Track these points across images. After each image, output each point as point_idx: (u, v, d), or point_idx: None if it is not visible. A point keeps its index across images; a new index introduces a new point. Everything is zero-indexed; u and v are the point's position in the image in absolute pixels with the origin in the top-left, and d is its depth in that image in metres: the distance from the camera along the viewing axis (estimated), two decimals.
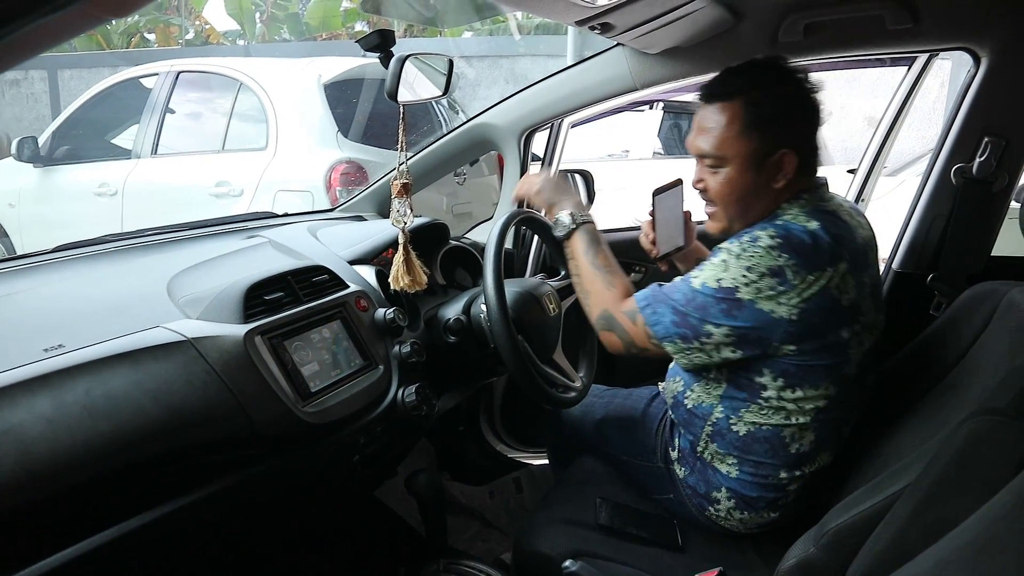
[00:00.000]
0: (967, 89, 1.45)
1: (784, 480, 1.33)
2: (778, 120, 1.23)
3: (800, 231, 1.20)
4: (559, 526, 1.38)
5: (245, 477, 1.02)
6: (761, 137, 1.23)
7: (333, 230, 1.70)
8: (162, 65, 4.32)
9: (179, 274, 1.28)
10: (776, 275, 1.16)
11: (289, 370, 1.10)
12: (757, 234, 1.20)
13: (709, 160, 1.28)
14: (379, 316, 1.32)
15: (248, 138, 3.91)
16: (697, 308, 1.21)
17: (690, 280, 1.24)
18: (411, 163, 1.96)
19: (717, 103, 1.26)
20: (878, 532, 0.95)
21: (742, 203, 1.28)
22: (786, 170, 1.25)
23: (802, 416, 1.27)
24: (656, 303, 1.26)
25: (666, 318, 1.24)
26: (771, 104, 1.23)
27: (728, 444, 1.34)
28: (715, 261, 1.22)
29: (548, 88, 1.74)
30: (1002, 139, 1.42)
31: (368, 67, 4.07)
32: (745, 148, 1.24)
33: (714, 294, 1.20)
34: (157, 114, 4.14)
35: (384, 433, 1.23)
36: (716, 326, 1.20)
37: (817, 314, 1.18)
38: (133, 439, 0.90)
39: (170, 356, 0.99)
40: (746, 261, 1.17)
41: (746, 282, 1.17)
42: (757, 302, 1.17)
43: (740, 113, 1.23)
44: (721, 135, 1.25)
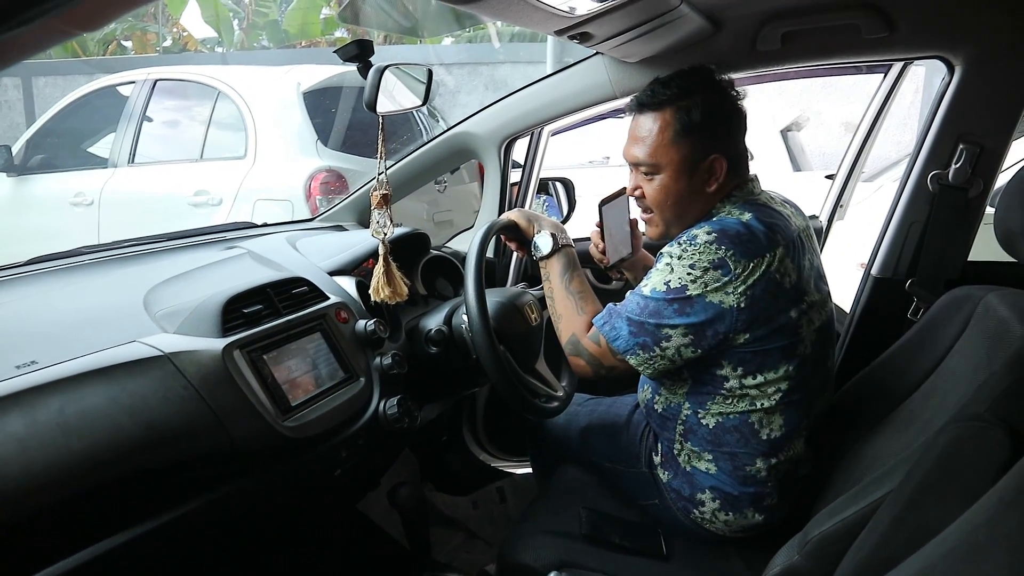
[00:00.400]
0: (942, 97, 1.46)
1: (762, 471, 1.34)
2: (707, 127, 1.28)
3: (734, 223, 1.26)
4: (543, 537, 1.37)
5: (225, 494, 1.00)
6: (692, 144, 1.28)
7: (313, 240, 1.69)
8: (139, 73, 4.28)
9: (156, 287, 1.26)
10: (719, 267, 1.21)
11: (269, 384, 1.09)
12: (694, 233, 1.25)
13: (644, 168, 1.33)
14: (360, 328, 1.30)
15: (227, 147, 3.88)
16: (651, 314, 1.25)
17: (640, 290, 1.28)
18: (391, 172, 1.96)
19: (648, 112, 1.31)
20: (861, 539, 0.95)
21: (677, 207, 1.33)
22: (717, 174, 1.30)
23: (766, 400, 1.30)
24: (612, 319, 1.30)
25: (623, 330, 1.28)
26: (700, 112, 1.27)
27: (700, 440, 1.36)
28: (660, 267, 1.26)
29: (528, 97, 1.75)
30: (977, 146, 1.44)
31: (347, 75, 4.06)
32: (677, 155, 1.29)
33: (664, 296, 1.24)
34: (134, 122, 4.10)
35: (366, 446, 1.22)
36: (672, 327, 1.24)
37: (763, 298, 1.22)
38: (108, 457, 0.88)
39: (147, 372, 0.97)
40: (688, 259, 1.22)
41: (692, 279, 1.22)
42: (706, 295, 1.22)
43: (671, 122, 1.28)
44: (654, 143, 1.29)
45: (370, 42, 1.09)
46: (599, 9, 1.14)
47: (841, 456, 1.35)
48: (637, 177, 1.36)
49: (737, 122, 1.33)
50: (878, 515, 0.94)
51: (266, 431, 1.04)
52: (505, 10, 1.07)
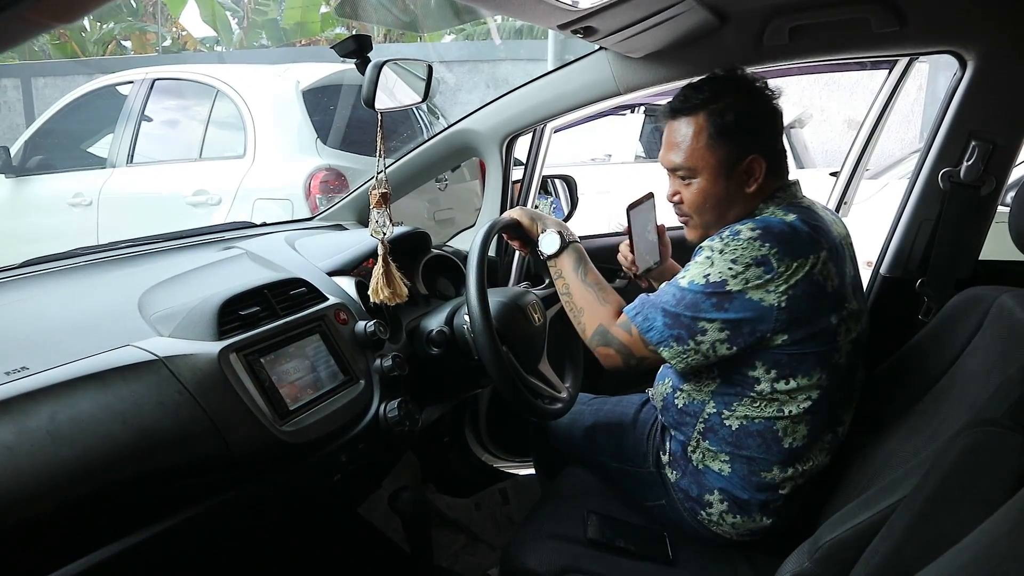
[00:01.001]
0: (953, 92, 1.44)
1: (777, 479, 1.32)
2: (742, 128, 1.27)
3: (778, 222, 1.24)
4: (547, 541, 1.35)
5: (221, 501, 0.98)
6: (728, 146, 1.27)
7: (312, 240, 1.66)
8: (137, 73, 4.25)
9: (151, 289, 1.24)
10: (761, 264, 1.18)
11: (266, 388, 1.06)
12: (737, 228, 1.23)
13: (681, 172, 1.32)
14: (359, 329, 1.28)
15: (226, 146, 3.85)
16: (688, 306, 1.22)
17: (677, 281, 1.25)
18: (391, 170, 1.93)
19: (682, 117, 1.30)
20: (874, 546, 0.93)
21: (716, 210, 1.32)
22: (756, 174, 1.29)
23: (795, 407, 1.27)
24: (646, 309, 1.27)
25: (658, 322, 1.25)
26: (734, 114, 1.26)
27: (720, 440, 1.34)
28: (699, 260, 1.24)
29: (530, 93, 1.72)
30: (989, 143, 1.41)
31: (347, 73, 4.03)
32: (714, 158, 1.28)
33: (703, 289, 1.21)
34: (132, 122, 4.07)
35: (366, 450, 1.19)
36: (709, 321, 1.21)
37: (804, 300, 1.20)
38: (101, 465, 0.86)
39: (140, 376, 0.95)
40: (730, 254, 1.20)
41: (733, 274, 1.19)
42: (746, 292, 1.19)
43: (705, 125, 1.27)
44: (689, 148, 1.29)
45: (368, 37, 1.06)
46: (603, 2, 1.12)
47: (851, 459, 1.32)
48: (675, 182, 1.35)
49: (772, 121, 1.31)
50: (891, 522, 0.92)
51: (264, 436, 1.02)
52: (507, 4, 1.05)
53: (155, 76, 4.13)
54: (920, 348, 1.36)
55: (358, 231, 1.90)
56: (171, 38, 12.80)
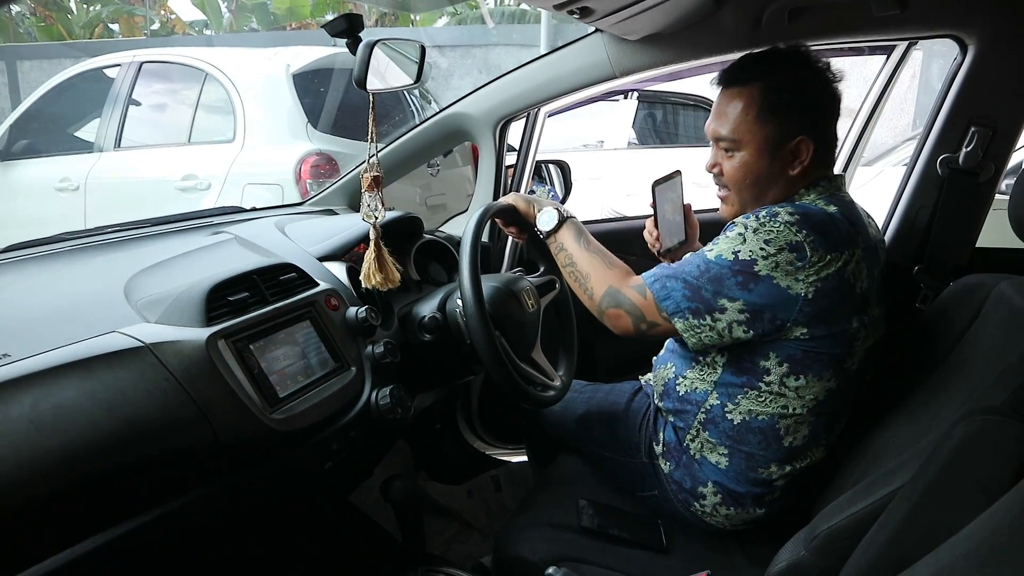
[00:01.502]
0: (953, 78, 1.42)
1: (773, 475, 1.31)
2: (796, 107, 1.22)
3: (818, 211, 1.20)
4: (541, 530, 1.34)
5: (210, 490, 0.96)
6: (778, 123, 1.22)
7: (302, 225, 1.64)
8: (124, 55, 4.18)
9: (138, 274, 1.21)
10: (795, 250, 1.14)
11: (255, 375, 1.04)
12: (775, 210, 1.18)
13: (725, 143, 1.27)
14: (350, 315, 1.26)
15: (215, 130, 3.80)
16: (711, 280, 1.18)
17: (704, 253, 1.21)
18: (382, 155, 1.90)
19: (735, 88, 1.25)
20: (871, 535, 0.92)
21: (756, 188, 1.27)
22: (802, 157, 1.24)
23: (800, 406, 1.25)
24: (666, 278, 1.23)
25: (677, 292, 1.21)
26: (789, 91, 1.21)
27: (721, 433, 1.32)
28: (731, 235, 1.19)
29: (524, 76, 1.69)
30: (989, 128, 1.40)
31: (338, 56, 3.98)
32: (761, 133, 1.23)
33: (730, 266, 1.17)
34: (120, 106, 4.01)
35: (358, 438, 1.17)
36: (730, 299, 1.17)
37: (831, 296, 1.16)
38: (85, 454, 0.83)
39: (126, 364, 0.92)
40: (764, 235, 1.15)
41: (764, 255, 1.14)
42: (774, 276, 1.15)
43: (758, 98, 1.22)
44: (738, 119, 1.24)
45: (359, 16, 1.03)
46: None
47: (847, 447, 1.32)
48: (717, 153, 1.30)
49: (829, 106, 1.26)
50: (889, 511, 0.91)
51: (253, 424, 1.00)
52: None
53: (143, 59, 4.07)
54: (918, 336, 1.35)
55: (349, 216, 1.88)
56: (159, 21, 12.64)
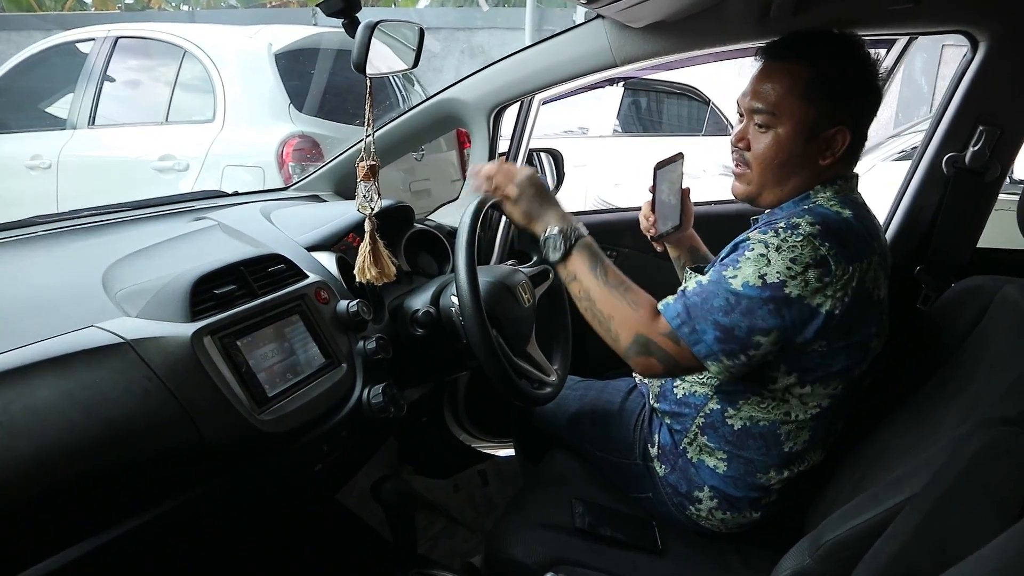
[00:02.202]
0: (962, 75, 1.39)
1: (772, 480, 1.28)
2: (844, 95, 1.16)
3: (834, 217, 1.14)
4: (535, 531, 1.30)
5: (195, 495, 0.91)
6: (822, 106, 1.16)
7: (289, 212, 1.57)
8: (99, 30, 4.04)
9: (117, 263, 1.15)
10: (820, 265, 1.08)
11: (243, 373, 0.98)
12: (795, 221, 1.12)
13: (761, 117, 1.19)
14: (341, 309, 1.21)
15: (194, 109, 3.69)
16: (743, 314, 1.10)
17: (727, 283, 1.12)
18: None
19: (783, 62, 1.18)
20: (879, 546, 0.89)
21: (782, 170, 1.20)
22: (836, 148, 1.18)
23: (803, 413, 1.22)
24: (694, 319, 1.12)
25: (708, 335, 1.11)
26: (841, 77, 1.16)
27: (720, 438, 1.29)
28: (751, 256, 1.11)
29: (521, 62, 1.63)
30: (997, 128, 1.37)
31: (324, 36, 3.89)
32: (803, 112, 1.16)
33: (759, 294, 1.09)
34: (94, 82, 3.88)
35: (349, 438, 1.13)
36: (765, 334, 1.10)
37: (855, 308, 1.11)
38: (62, 458, 0.78)
39: (105, 361, 0.87)
40: (789, 252, 1.09)
41: (792, 275, 1.08)
42: (805, 296, 1.09)
43: (806, 77, 1.16)
44: (781, 92, 1.17)
45: None
46: None
47: (844, 450, 1.30)
48: (747, 127, 1.22)
49: (873, 103, 1.20)
50: (898, 522, 0.89)
51: (240, 425, 0.94)
52: None
53: (119, 34, 3.94)
54: (918, 338, 1.33)
55: (337, 203, 1.82)
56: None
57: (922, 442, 1.12)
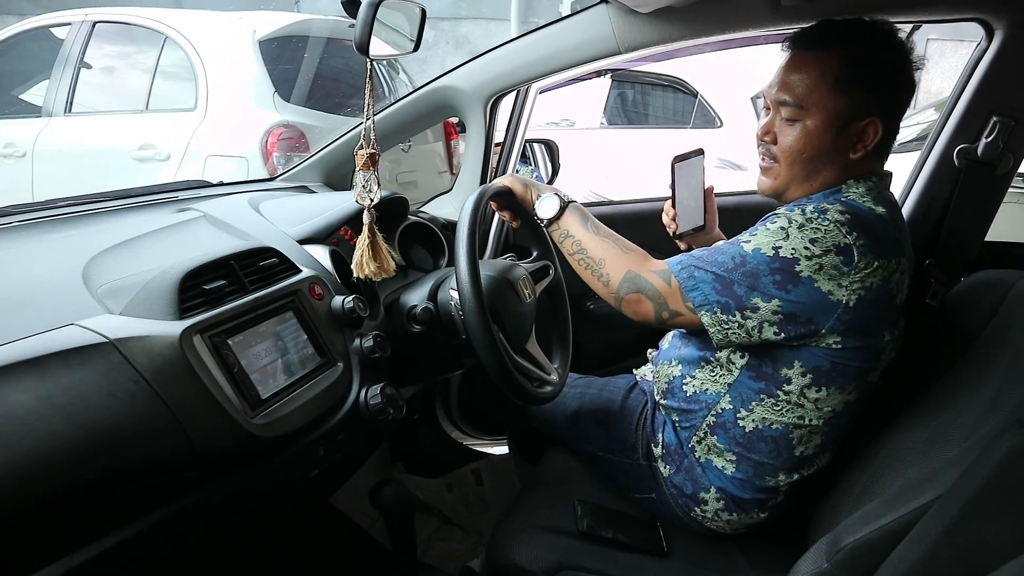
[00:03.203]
0: (976, 64, 1.36)
1: (780, 482, 1.26)
2: (877, 85, 1.12)
3: (868, 211, 1.11)
4: (537, 534, 1.26)
5: (185, 506, 0.85)
6: (854, 97, 1.11)
7: (278, 203, 1.51)
8: (76, 13, 3.91)
9: (97, 256, 1.08)
10: (842, 253, 1.05)
11: (235, 374, 0.92)
12: (824, 206, 1.09)
13: (788, 110, 1.15)
14: (336, 305, 1.15)
15: (175, 97, 3.58)
16: (746, 275, 1.09)
17: (739, 244, 1.11)
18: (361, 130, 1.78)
19: (812, 51, 1.14)
20: (903, 550, 0.86)
21: (810, 164, 1.16)
22: (867, 141, 1.14)
23: (817, 418, 1.19)
24: (694, 267, 1.13)
25: (706, 284, 1.11)
26: (874, 66, 1.11)
27: (730, 439, 1.25)
28: (772, 227, 1.10)
29: (520, 49, 1.58)
30: (1011, 119, 1.34)
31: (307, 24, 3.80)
32: (833, 104, 1.12)
33: (768, 263, 1.07)
34: (71, 68, 3.76)
35: (346, 441, 1.07)
36: (765, 299, 1.08)
37: (873, 306, 1.08)
38: (41, 469, 0.72)
39: (87, 362, 0.81)
40: (811, 233, 1.06)
41: (808, 255, 1.05)
42: (816, 280, 1.06)
43: (837, 66, 1.11)
44: (811, 85, 1.12)
45: None
46: None
47: (852, 448, 1.27)
48: (774, 119, 1.18)
49: (906, 91, 1.15)
50: (923, 525, 0.85)
51: (233, 430, 0.89)
52: None
53: (96, 18, 3.81)
54: (929, 334, 1.30)
55: (328, 194, 1.76)
56: None
57: (939, 440, 1.09)
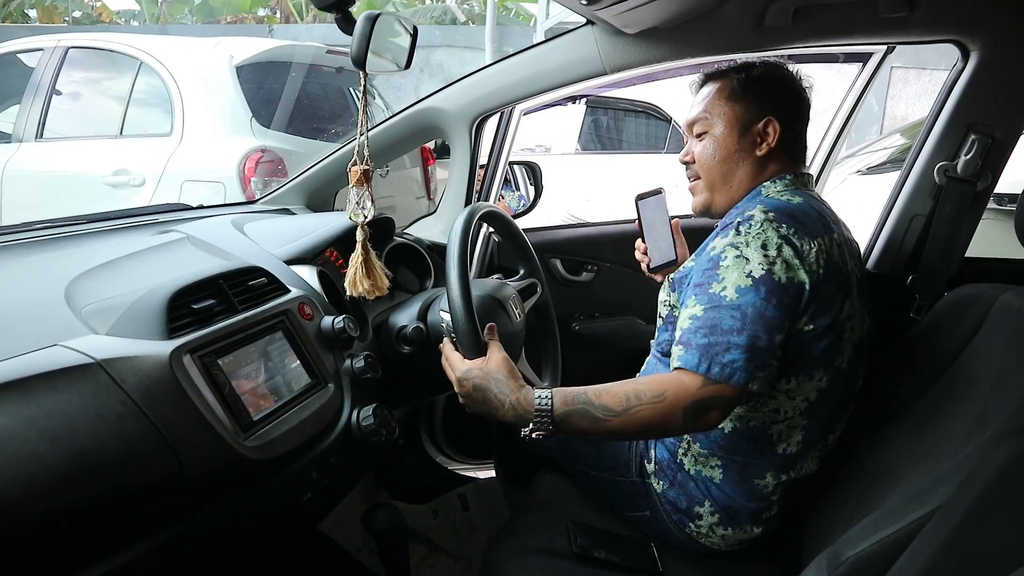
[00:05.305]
0: (953, 84, 1.39)
1: (770, 486, 1.25)
2: (764, 89, 1.27)
3: (784, 204, 1.20)
4: (532, 557, 1.24)
5: (175, 533, 0.82)
6: (747, 103, 1.27)
7: (263, 224, 1.49)
8: (48, 39, 3.87)
9: (79, 277, 1.05)
10: (788, 243, 1.12)
11: (226, 395, 0.90)
12: (748, 214, 1.16)
13: (698, 126, 1.31)
14: (326, 325, 1.13)
15: (150, 123, 3.54)
16: (755, 322, 1.08)
17: (721, 298, 1.10)
18: (346, 151, 1.77)
19: (712, 81, 1.31)
20: (904, 563, 0.85)
21: (724, 166, 1.28)
22: (770, 138, 1.26)
23: (791, 408, 1.20)
24: (716, 354, 1.08)
25: (738, 362, 1.07)
26: (760, 76, 1.28)
27: (712, 443, 1.26)
28: (728, 263, 1.12)
29: (506, 70, 1.58)
30: (988, 137, 1.37)
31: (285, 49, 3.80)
32: (731, 111, 1.27)
33: (756, 294, 1.09)
34: (43, 93, 3.70)
35: (338, 464, 1.04)
36: (780, 329, 1.10)
37: (830, 280, 1.14)
38: (24, 496, 0.69)
39: (73, 384, 0.78)
40: (756, 241, 1.12)
41: (770, 261, 1.10)
42: (792, 275, 1.11)
43: (729, 83, 1.29)
44: (710, 102, 1.30)
45: None
46: None
47: (841, 463, 1.27)
48: (690, 143, 1.34)
49: (798, 99, 1.30)
50: (923, 536, 0.85)
51: (225, 453, 0.86)
52: None
53: (69, 44, 3.77)
54: (914, 348, 1.31)
55: (311, 216, 1.74)
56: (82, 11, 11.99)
57: (931, 452, 1.09)
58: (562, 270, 1.98)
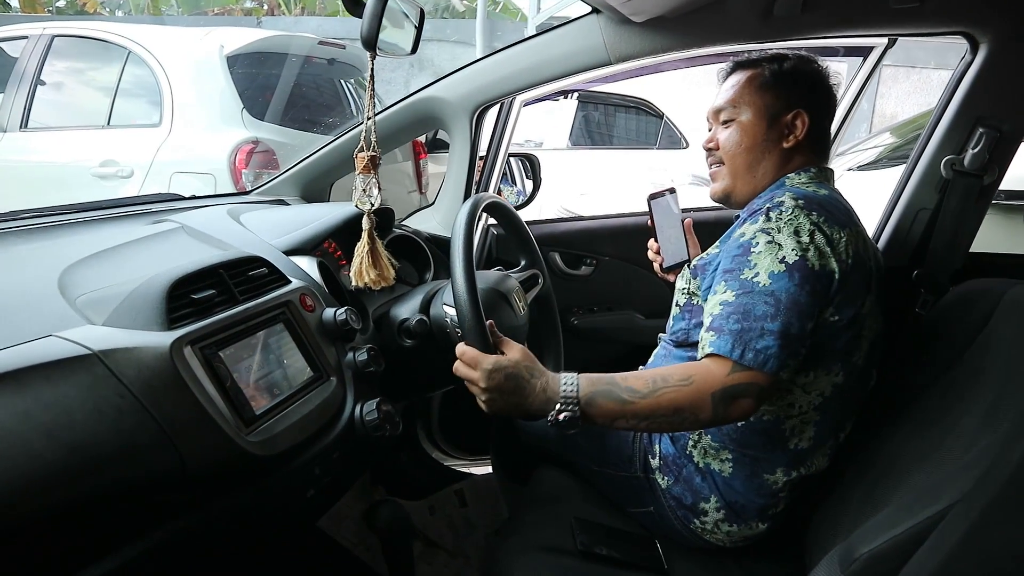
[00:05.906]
0: (961, 77, 1.38)
1: (779, 482, 1.24)
2: (795, 82, 1.27)
3: (813, 194, 1.18)
4: (536, 555, 1.21)
5: (174, 530, 0.79)
6: (777, 94, 1.27)
7: (260, 215, 1.46)
8: (32, 28, 3.79)
9: (73, 266, 1.02)
10: (820, 230, 1.11)
11: (227, 388, 0.87)
12: (779, 200, 1.15)
13: (724, 114, 1.30)
14: (328, 317, 1.10)
15: (138, 113, 3.47)
16: (789, 308, 1.06)
17: (754, 284, 1.08)
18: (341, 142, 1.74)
19: (742, 69, 1.31)
20: (920, 559, 0.84)
21: (750, 155, 1.28)
22: (798, 131, 1.26)
23: (806, 403, 1.19)
24: (750, 340, 1.05)
25: (772, 348, 1.05)
26: (792, 69, 1.27)
27: (723, 435, 1.24)
28: (760, 248, 1.11)
29: (508, 59, 1.55)
30: (996, 130, 1.36)
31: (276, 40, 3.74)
32: (760, 100, 1.27)
33: (789, 280, 1.08)
34: (27, 83, 3.62)
35: (341, 460, 1.02)
36: (811, 317, 1.09)
37: (857, 271, 1.14)
38: (19, 492, 0.66)
39: (70, 376, 0.75)
40: (788, 227, 1.11)
41: (804, 247, 1.09)
42: (825, 262, 1.10)
43: (760, 73, 1.28)
44: (739, 90, 1.29)
45: None
46: None
47: (847, 457, 1.26)
48: (714, 129, 1.33)
49: (827, 93, 1.30)
50: (941, 532, 0.83)
51: (227, 448, 0.83)
52: None
53: (54, 32, 3.69)
54: (920, 342, 1.30)
55: (307, 207, 1.70)
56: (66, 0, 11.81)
57: (938, 448, 1.08)
58: (561, 264, 1.96)
